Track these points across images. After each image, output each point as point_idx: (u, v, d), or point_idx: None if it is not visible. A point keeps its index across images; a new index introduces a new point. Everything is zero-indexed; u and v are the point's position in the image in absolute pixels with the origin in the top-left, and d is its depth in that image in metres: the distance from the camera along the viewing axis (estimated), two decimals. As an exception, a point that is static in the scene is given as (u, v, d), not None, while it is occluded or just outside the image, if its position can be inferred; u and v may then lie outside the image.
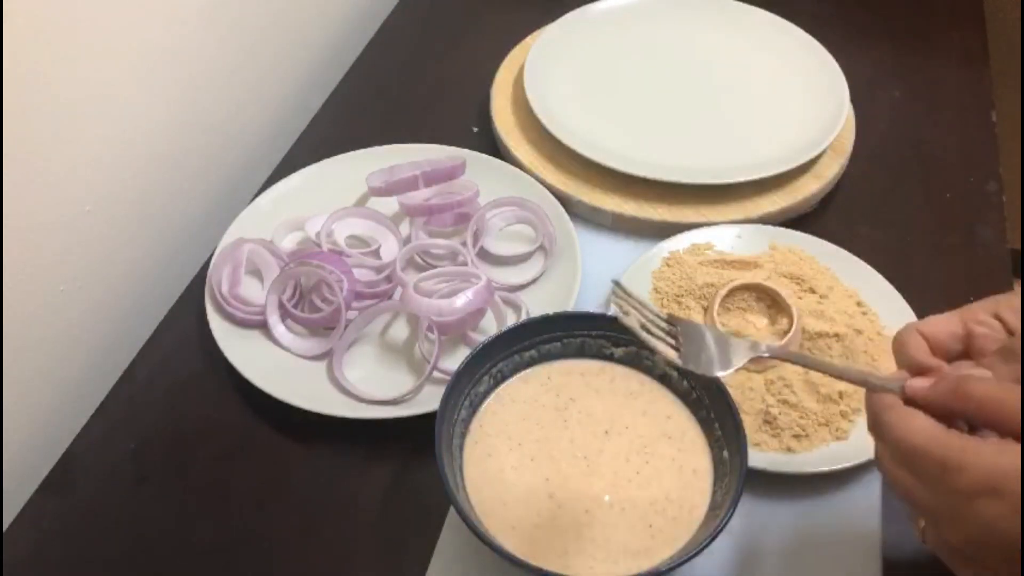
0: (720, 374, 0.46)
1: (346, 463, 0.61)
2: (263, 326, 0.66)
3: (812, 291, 0.66)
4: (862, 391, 0.60)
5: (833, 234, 0.71)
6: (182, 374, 0.67)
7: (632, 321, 0.47)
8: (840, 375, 0.44)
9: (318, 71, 0.95)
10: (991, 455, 0.36)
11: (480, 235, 0.72)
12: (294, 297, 0.67)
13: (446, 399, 0.51)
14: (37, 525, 0.59)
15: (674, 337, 0.47)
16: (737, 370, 0.46)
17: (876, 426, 0.41)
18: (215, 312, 0.67)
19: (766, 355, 0.46)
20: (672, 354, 0.47)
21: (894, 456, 0.40)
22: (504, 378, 0.56)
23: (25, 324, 0.63)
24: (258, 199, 0.75)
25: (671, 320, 0.49)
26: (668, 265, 0.69)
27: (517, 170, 0.77)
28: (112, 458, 0.62)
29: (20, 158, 0.59)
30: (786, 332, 0.62)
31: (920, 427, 0.38)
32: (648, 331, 0.47)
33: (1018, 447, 0.36)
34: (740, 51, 0.89)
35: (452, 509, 0.55)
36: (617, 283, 0.50)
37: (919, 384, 0.40)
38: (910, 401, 0.40)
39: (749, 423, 0.59)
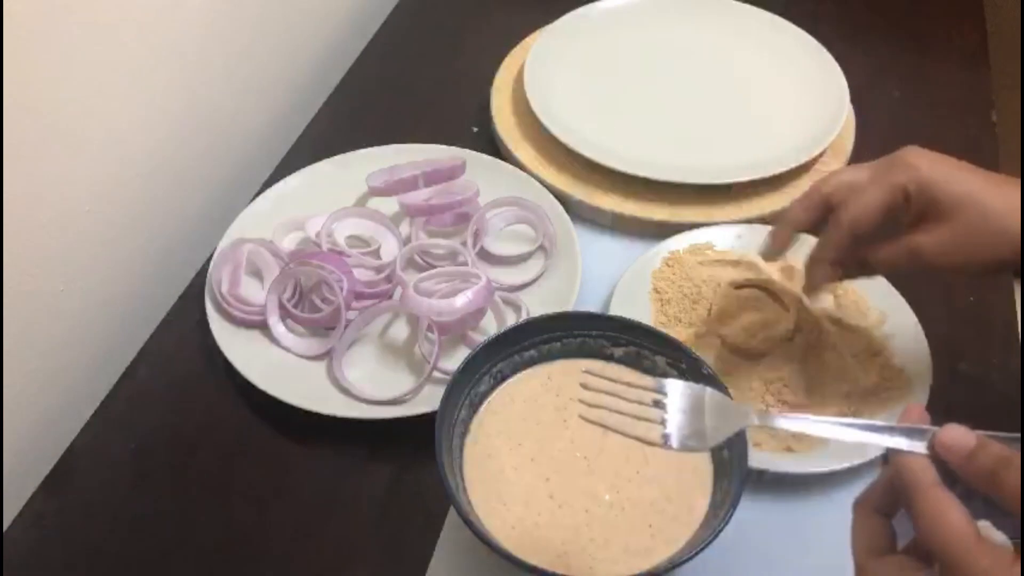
0: (706, 448, 0.44)
1: (346, 463, 0.61)
2: (263, 326, 0.66)
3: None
4: (863, 391, 0.61)
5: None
6: (182, 374, 0.67)
7: (595, 415, 0.46)
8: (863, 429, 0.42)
9: (318, 71, 0.95)
10: None
11: (480, 235, 0.72)
12: (294, 297, 0.67)
13: (446, 399, 0.51)
14: (37, 525, 0.59)
15: (661, 405, 0.45)
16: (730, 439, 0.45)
17: (905, 502, 0.39)
18: (215, 312, 0.67)
19: (764, 423, 0.44)
20: (652, 435, 0.44)
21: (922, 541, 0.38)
22: (504, 378, 0.56)
23: (25, 324, 0.63)
24: (258, 199, 0.75)
25: (658, 386, 0.46)
26: (668, 265, 0.69)
27: (517, 170, 0.77)
28: (112, 458, 0.62)
29: (20, 158, 0.59)
30: (788, 331, 0.62)
31: (955, 529, 0.37)
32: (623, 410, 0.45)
33: None
34: (740, 51, 0.89)
35: (452, 509, 0.56)
36: (588, 372, 0.48)
37: (955, 448, 0.38)
38: (935, 458, 0.39)
39: (749, 423, 0.59)
